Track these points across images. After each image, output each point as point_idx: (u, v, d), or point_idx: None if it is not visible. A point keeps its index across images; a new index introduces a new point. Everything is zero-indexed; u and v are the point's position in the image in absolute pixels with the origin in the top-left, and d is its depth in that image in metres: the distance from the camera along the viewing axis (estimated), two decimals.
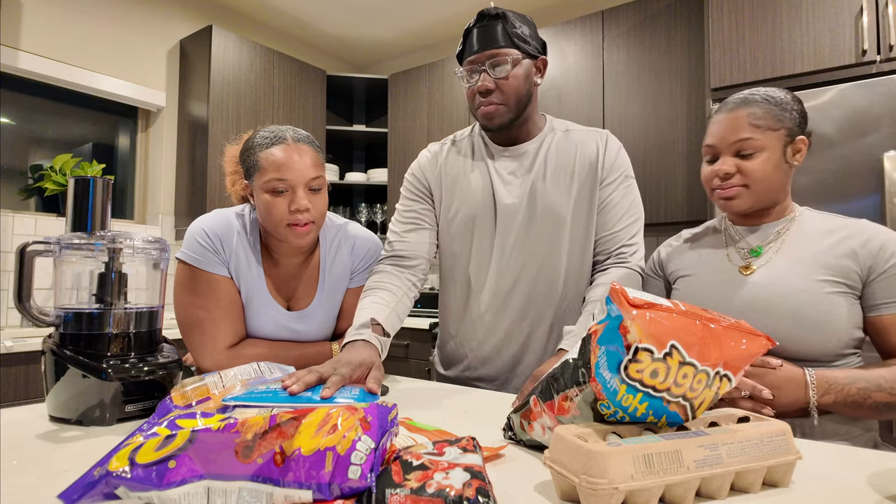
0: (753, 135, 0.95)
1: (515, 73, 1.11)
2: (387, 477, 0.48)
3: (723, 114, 1.00)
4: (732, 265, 1.02)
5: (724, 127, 0.98)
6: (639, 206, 1.18)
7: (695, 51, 2.50)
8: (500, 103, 1.12)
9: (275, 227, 1.06)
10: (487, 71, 1.11)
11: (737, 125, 0.97)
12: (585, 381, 0.59)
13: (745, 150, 0.96)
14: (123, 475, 0.47)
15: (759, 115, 0.96)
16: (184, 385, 0.83)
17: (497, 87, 1.11)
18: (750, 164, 0.96)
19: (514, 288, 1.17)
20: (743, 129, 0.96)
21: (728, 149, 0.98)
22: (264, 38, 3.63)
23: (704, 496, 0.53)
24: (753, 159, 0.96)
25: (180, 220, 3.09)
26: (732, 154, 0.98)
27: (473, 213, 1.20)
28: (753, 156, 0.96)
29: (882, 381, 0.84)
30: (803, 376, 0.85)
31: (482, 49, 1.10)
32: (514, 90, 1.12)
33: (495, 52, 1.10)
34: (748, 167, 0.96)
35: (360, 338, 0.99)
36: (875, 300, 0.91)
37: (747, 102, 0.97)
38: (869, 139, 1.77)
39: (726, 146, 0.98)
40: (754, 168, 0.95)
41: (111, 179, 1.34)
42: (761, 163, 0.95)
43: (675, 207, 2.56)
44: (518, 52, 1.11)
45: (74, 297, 0.85)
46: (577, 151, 1.18)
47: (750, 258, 1.00)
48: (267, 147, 1.04)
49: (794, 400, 0.85)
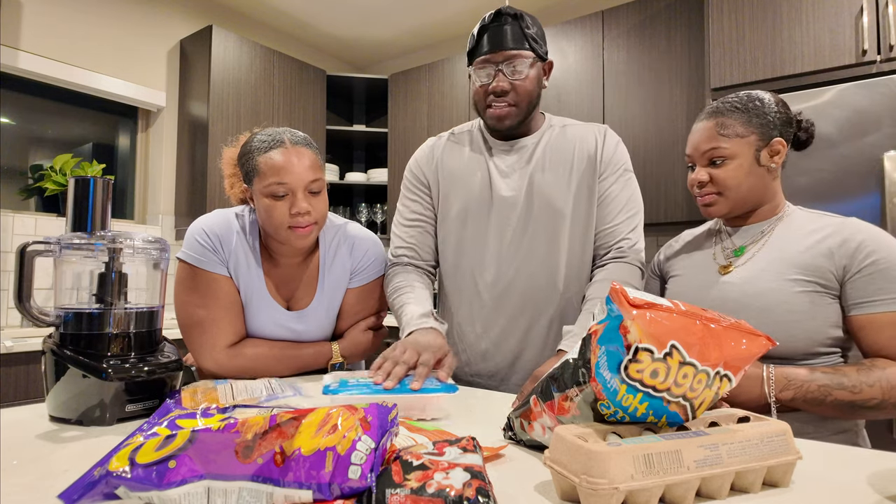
0: (721, 144, 0.99)
1: (530, 75, 1.11)
2: (387, 477, 0.48)
3: (697, 123, 1.04)
4: (715, 264, 1.04)
5: (696, 137, 1.03)
6: (638, 200, 1.18)
7: (695, 51, 2.50)
8: (513, 105, 1.12)
9: (276, 230, 1.06)
10: (503, 71, 1.10)
11: (706, 135, 1.01)
12: (585, 381, 0.59)
13: (715, 158, 1.00)
14: (123, 475, 0.47)
15: (726, 125, 0.99)
16: (195, 389, 0.84)
17: (512, 88, 1.11)
18: (720, 173, 1.00)
19: (512, 282, 1.17)
20: (711, 139, 1.00)
21: (701, 158, 1.02)
22: (264, 38, 3.63)
23: (704, 496, 0.53)
24: (724, 167, 0.99)
25: (180, 220, 3.09)
26: (706, 163, 1.02)
27: (471, 206, 1.20)
28: (724, 164, 0.99)
29: (845, 380, 0.84)
30: (761, 372, 0.86)
31: (499, 49, 1.10)
32: (527, 92, 1.12)
33: (513, 53, 1.10)
34: (719, 175, 1.00)
35: (427, 325, 1.03)
36: (851, 300, 0.91)
37: (717, 112, 1.01)
38: (869, 139, 1.77)
39: (699, 156, 1.02)
40: (725, 176, 0.99)
41: (111, 179, 1.34)
42: (732, 170, 0.99)
43: (675, 207, 2.56)
44: (533, 54, 1.11)
45: (74, 297, 0.85)
46: (575, 145, 1.18)
47: (732, 258, 1.03)
48: (265, 151, 1.04)
49: (752, 396, 0.86)
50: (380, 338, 1.27)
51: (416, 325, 1.03)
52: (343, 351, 1.19)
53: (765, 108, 0.99)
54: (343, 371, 1.04)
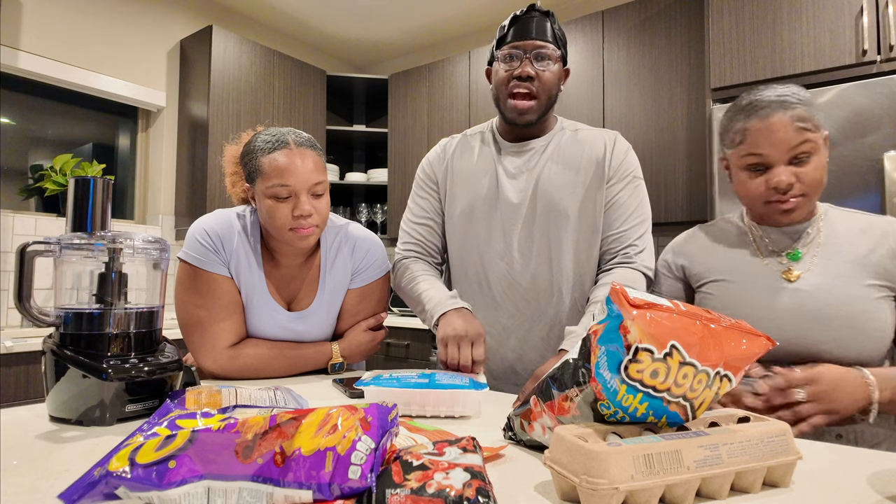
0: (809, 137, 0.89)
1: (555, 69, 1.14)
2: (387, 477, 0.48)
3: (760, 120, 0.92)
4: (772, 270, 0.97)
5: (772, 134, 0.90)
6: (646, 208, 1.18)
7: (695, 51, 2.50)
8: (535, 95, 1.14)
9: (278, 231, 1.06)
10: (531, 59, 1.12)
11: (786, 131, 0.89)
12: (585, 381, 0.59)
13: (801, 156, 0.90)
14: (123, 475, 0.47)
15: (804, 117, 0.90)
16: (199, 391, 0.84)
17: (537, 77, 1.13)
18: (806, 171, 0.90)
19: (515, 281, 1.17)
20: (795, 134, 0.89)
21: (782, 157, 0.91)
22: (264, 38, 3.63)
23: (705, 496, 0.53)
24: (808, 164, 0.90)
25: (180, 221, 3.09)
26: (787, 162, 0.91)
27: (476, 206, 1.21)
28: (808, 161, 0.90)
29: None
30: (861, 376, 0.83)
31: (532, 38, 1.12)
32: (550, 86, 1.14)
33: (544, 44, 1.12)
34: (806, 174, 0.90)
35: (458, 305, 1.07)
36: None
37: (786, 105, 0.90)
38: (869, 139, 1.77)
39: (780, 154, 0.91)
40: (812, 174, 0.90)
41: (111, 179, 1.34)
42: (816, 168, 0.91)
43: (676, 207, 2.56)
44: (559, 52, 1.14)
45: (74, 297, 0.85)
46: (584, 150, 1.18)
47: (790, 262, 0.96)
48: (269, 152, 1.04)
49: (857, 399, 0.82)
50: (380, 338, 1.27)
51: (448, 306, 1.06)
52: (343, 351, 1.19)
53: (813, 101, 0.93)
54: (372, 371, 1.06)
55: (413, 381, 0.84)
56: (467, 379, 0.88)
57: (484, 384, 0.86)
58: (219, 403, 0.81)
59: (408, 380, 0.85)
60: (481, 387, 0.84)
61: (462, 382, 0.85)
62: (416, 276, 1.19)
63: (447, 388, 0.82)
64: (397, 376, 0.88)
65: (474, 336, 0.99)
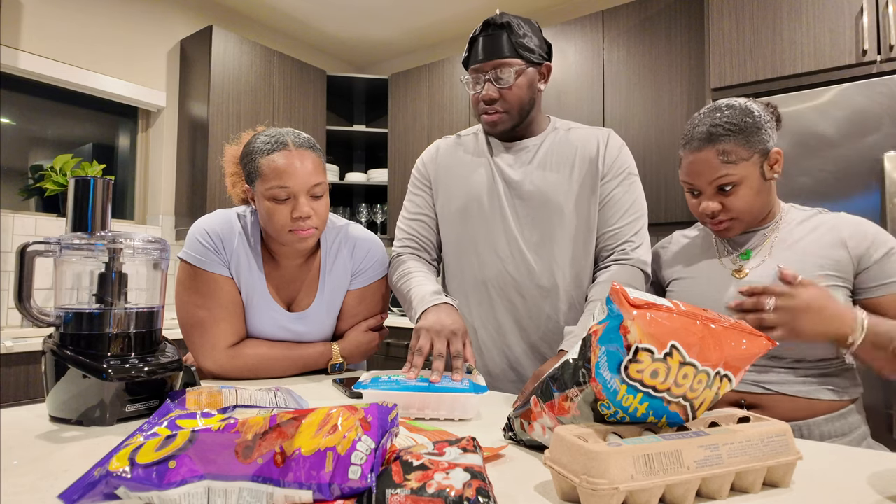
0: (728, 171, 0.95)
1: (519, 83, 1.12)
2: (387, 477, 0.48)
3: (691, 153, 0.99)
4: (725, 269, 1.04)
5: (698, 168, 0.97)
6: (642, 204, 1.18)
7: (695, 51, 2.50)
8: (504, 111, 1.14)
9: (277, 232, 1.06)
10: (492, 81, 1.12)
11: (710, 166, 0.96)
12: (585, 382, 0.59)
13: (724, 186, 0.96)
14: (123, 475, 0.47)
15: (728, 151, 0.95)
16: (200, 391, 0.84)
17: (501, 97, 1.13)
18: (732, 200, 0.96)
19: (511, 280, 1.17)
20: (716, 168, 0.95)
21: (707, 187, 0.98)
22: (264, 38, 3.63)
23: (705, 496, 0.53)
24: (735, 193, 0.96)
25: (180, 221, 3.09)
26: (713, 192, 0.98)
27: (470, 204, 1.21)
28: (734, 190, 0.96)
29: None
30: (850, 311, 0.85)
31: (487, 59, 1.11)
32: (517, 99, 1.13)
33: (500, 62, 1.11)
34: (732, 203, 0.97)
35: (441, 301, 1.03)
36: (870, 283, 0.93)
37: (713, 138, 0.96)
38: (869, 139, 1.77)
39: (705, 185, 0.98)
40: (737, 202, 0.96)
41: (111, 180, 1.34)
42: (743, 195, 0.96)
43: (675, 207, 2.56)
44: (522, 61, 1.12)
45: (75, 297, 0.85)
46: (577, 148, 1.18)
47: (741, 262, 1.03)
48: (268, 153, 1.04)
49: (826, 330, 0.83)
50: (380, 338, 1.27)
51: (430, 302, 1.03)
52: (343, 351, 1.19)
53: (757, 122, 0.96)
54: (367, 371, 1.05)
55: (412, 384, 0.83)
56: (467, 382, 0.86)
57: (484, 387, 0.85)
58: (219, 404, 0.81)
59: (407, 382, 0.84)
60: (481, 390, 0.83)
61: (462, 386, 0.84)
62: (405, 274, 1.18)
63: (447, 392, 0.81)
64: (396, 378, 0.87)
65: (452, 331, 0.95)
